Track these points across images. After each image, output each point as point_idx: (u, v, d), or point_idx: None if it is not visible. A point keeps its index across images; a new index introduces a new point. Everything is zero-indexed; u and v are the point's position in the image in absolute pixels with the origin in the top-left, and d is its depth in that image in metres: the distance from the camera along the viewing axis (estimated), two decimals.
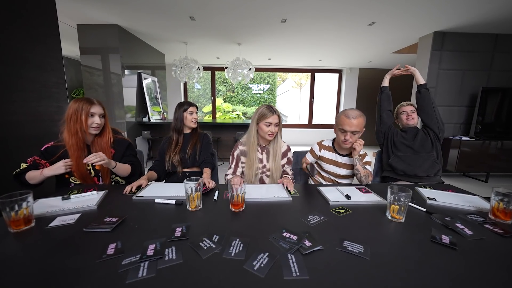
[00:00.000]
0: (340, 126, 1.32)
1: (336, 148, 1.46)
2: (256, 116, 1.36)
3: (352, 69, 6.28)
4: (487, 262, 0.63)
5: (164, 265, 0.60)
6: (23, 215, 0.77)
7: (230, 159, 1.48)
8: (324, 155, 1.48)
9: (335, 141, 1.48)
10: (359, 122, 1.27)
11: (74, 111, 1.18)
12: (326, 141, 1.52)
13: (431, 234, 0.76)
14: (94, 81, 3.55)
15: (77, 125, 1.18)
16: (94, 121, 1.22)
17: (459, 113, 3.62)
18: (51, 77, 1.91)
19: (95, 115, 1.23)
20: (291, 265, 0.60)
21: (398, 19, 3.01)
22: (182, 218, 0.87)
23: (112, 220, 0.82)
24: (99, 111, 1.24)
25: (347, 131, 1.28)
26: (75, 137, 1.19)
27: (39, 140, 1.78)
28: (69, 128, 1.19)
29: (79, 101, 1.20)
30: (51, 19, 1.91)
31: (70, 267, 0.59)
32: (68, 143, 1.20)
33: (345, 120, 1.29)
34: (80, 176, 1.23)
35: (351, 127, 1.27)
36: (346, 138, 1.30)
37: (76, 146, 1.20)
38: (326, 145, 1.49)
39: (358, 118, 1.27)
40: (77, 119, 1.18)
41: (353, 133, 1.28)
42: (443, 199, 1.07)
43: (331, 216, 0.90)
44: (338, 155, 1.44)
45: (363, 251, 0.67)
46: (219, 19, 3.13)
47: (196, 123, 1.60)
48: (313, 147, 1.53)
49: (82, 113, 1.18)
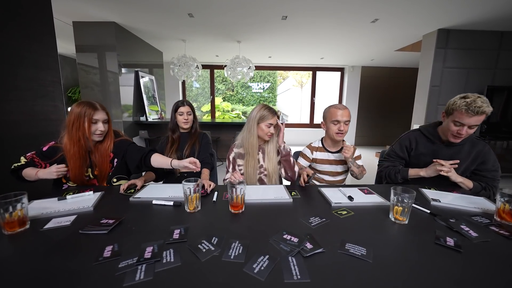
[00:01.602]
0: (332, 118, 1.39)
1: (325, 146, 1.52)
2: (257, 116, 1.36)
3: (354, 67, 6.27)
4: (492, 265, 0.63)
5: (162, 268, 0.60)
6: (18, 217, 0.76)
7: (226, 163, 1.48)
8: (317, 156, 1.51)
9: (324, 139, 1.54)
10: (348, 112, 1.40)
11: (77, 117, 1.13)
12: (314, 142, 1.56)
13: (435, 236, 0.76)
14: (90, 79, 3.54)
15: (79, 132, 1.14)
16: (97, 128, 1.17)
17: None
18: (47, 76, 1.91)
19: (99, 122, 1.17)
20: (292, 268, 0.60)
21: (401, 16, 3.00)
22: (181, 220, 0.87)
23: (108, 222, 0.82)
24: (103, 117, 1.19)
25: (340, 121, 1.37)
26: (77, 145, 1.15)
27: (36, 140, 1.79)
28: (71, 136, 1.14)
29: (82, 105, 1.15)
30: (46, 17, 1.91)
31: (66, 270, 0.59)
32: (69, 151, 1.15)
33: (336, 111, 1.38)
34: (79, 183, 1.21)
35: (343, 116, 1.37)
36: (340, 129, 1.37)
37: (78, 155, 1.16)
38: (316, 146, 1.53)
39: (346, 109, 1.40)
40: (79, 126, 1.13)
41: (345, 123, 1.38)
42: (448, 201, 1.06)
43: (333, 217, 0.90)
44: (330, 153, 1.50)
45: (366, 253, 0.66)
46: (218, 16, 3.13)
47: (189, 123, 1.59)
48: (304, 151, 1.55)
49: (85, 120, 1.13)
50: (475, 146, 1.29)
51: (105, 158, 1.24)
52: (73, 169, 1.17)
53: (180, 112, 1.55)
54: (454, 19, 3.07)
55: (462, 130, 1.17)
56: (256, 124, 1.37)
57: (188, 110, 1.58)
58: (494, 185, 1.28)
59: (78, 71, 3.54)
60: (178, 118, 1.56)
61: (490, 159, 1.28)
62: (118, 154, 1.28)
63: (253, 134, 1.38)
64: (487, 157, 1.27)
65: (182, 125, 1.58)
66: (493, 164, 1.28)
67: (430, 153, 1.35)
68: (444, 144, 1.32)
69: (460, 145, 1.29)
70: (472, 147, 1.29)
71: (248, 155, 1.39)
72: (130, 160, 1.26)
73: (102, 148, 1.23)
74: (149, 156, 1.21)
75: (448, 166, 1.19)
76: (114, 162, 1.27)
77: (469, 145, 1.29)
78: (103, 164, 1.23)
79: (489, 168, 1.28)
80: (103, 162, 1.23)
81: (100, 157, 1.22)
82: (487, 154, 1.28)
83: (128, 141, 1.32)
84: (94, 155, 1.22)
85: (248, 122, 1.40)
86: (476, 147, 1.29)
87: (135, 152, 1.25)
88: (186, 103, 1.58)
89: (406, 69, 6.20)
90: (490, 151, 1.28)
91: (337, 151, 1.49)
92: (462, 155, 1.29)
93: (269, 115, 1.35)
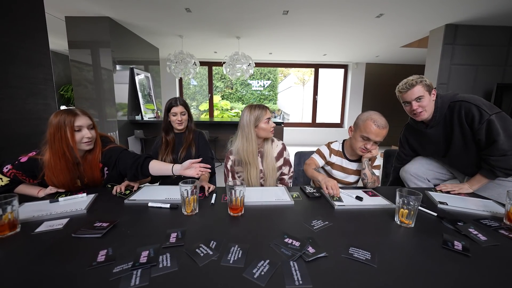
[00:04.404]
0: (363, 132, 1.22)
1: (345, 152, 1.41)
2: (252, 119, 1.33)
3: (359, 64, 6.28)
4: (502, 270, 0.63)
5: (158, 273, 0.60)
6: (8, 220, 0.76)
7: (224, 172, 1.47)
8: (333, 161, 1.42)
9: (345, 144, 1.42)
10: (385, 132, 1.21)
11: (57, 128, 1.05)
12: (334, 144, 1.45)
13: (443, 240, 0.76)
14: (84, 77, 3.55)
15: (63, 144, 1.06)
16: (83, 136, 1.10)
17: None
18: (39, 73, 1.91)
19: (83, 128, 1.10)
20: (294, 273, 0.60)
21: (407, 11, 3.01)
22: (178, 223, 0.87)
23: (102, 225, 0.82)
24: (86, 122, 1.11)
25: (371, 140, 1.21)
26: (63, 159, 1.08)
27: (27, 139, 1.79)
28: (55, 150, 1.06)
29: (60, 114, 1.07)
30: (38, 12, 1.92)
31: (58, 275, 0.59)
32: (55, 168, 1.07)
33: (372, 127, 1.19)
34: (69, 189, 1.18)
35: (377, 136, 1.20)
36: (367, 147, 1.24)
37: (66, 169, 1.10)
38: (336, 150, 1.43)
39: (386, 128, 1.21)
40: (61, 137, 1.05)
41: (375, 143, 1.23)
42: (455, 203, 1.07)
43: (336, 220, 0.90)
44: (347, 161, 1.40)
45: (370, 258, 0.66)
46: (216, 11, 3.13)
47: (184, 124, 1.54)
48: (322, 150, 1.44)
49: (66, 129, 1.05)
50: (452, 112, 1.24)
51: (95, 168, 1.18)
52: (62, 184, 1.13)
53: (173, 113, 1.49)
54: (462, 14, 3.07)
55: (413, 106, 1.25)
56: (254, 128, 1.34)
57: (182, 110, 1.50)
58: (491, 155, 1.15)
59: (71, 68, 3.54)
60: (171, 118, 1.51)
61: (473, 112, 1.16)
62: (108, 163, 1.21)
63: (251, 141, 1.34)
64: (467, 109, 1.18)
65: (176, 126, 1.52)
66: (480, 120, 1.15)
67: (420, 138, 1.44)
68: (425, 127, 1.34)
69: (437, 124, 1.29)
70: (450, 114, 1.25)
71: (249, 165, 1.36)
72: (124, 169, 1.19)
73: (90, 158, 1.17)
74: (145, 164, 1.15)
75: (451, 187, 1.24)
76: (104, 172, 1.23)
77: (448, 115, 1.26)
78: (93, 175, 1.19)
79: (475, 126, 1.16)
80: (92, 173, 1.19)
81: (90, 168, 1.17)
82: (468, 108, 1.18)
83: (119, 148, 1.24)
84: (83, 167, 1.16)
85: (243, 130, 1.36)
86: (455, 110, 1.23)
87: (129, 161, 1.17)
88: (179, 102, 1.50)
89: (413, 66, 6.20)
90: (470, 105, 1.18)
91: (356, 160, 1.39)
92: (446, 128, 1.28)
93: (262, 111, 1.34)
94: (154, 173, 1.16)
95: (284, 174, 1.49)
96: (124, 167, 1.18)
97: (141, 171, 1.15)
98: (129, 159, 1.17)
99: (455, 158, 1.35)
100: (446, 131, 1.29)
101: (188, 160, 1.10)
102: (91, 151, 1.17)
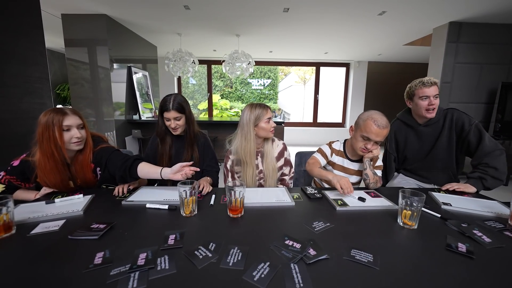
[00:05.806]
0: (364, 132, 1.23)
1: (346, 152, 1.41)
2: (252, 118, 1.33)
3: (361, 63, 6.28)
4: (507, 272, 0.63)
5: (156, 276, 0.60)
6: (3, 222, 0.76)
7: (224, 172, 1.47)
8: (334, 160, 1.42)
9: (346, 144, 1.43)
10: (386, 132, 1.22)
11: (45, 127, 1.04)
12: (336, 143, 1.45)
13: (447, 242, 0.76)
14: (80, 75, 3.54)
15: (51, 144, 1.05)
16: (72, 136, 1.08)
17: (477, 111, 3.61)
18: (34, 72, 1.91)
19: (72, 128, 1.09)
20: (294, 275, 0.60)
21: (410, 8, 3.00)
22: (176, 224, 0.87)
23: (99, 227, 0.82)
24: (76, 122, 1.10)
25: (371, 140, 1.22)
26: (52, 160, 1.07)
27: (22, 139, 1.79)
28: (44, 150, 1.06)
29: (48, 113, 1.06)
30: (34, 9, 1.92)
31: (54, 278, 0.59)
32: (45, 168, 1.07)
33: (372, 127, 1.20)
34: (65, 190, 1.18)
35: (377, 136, 1.20)
36: (367, 147, 1.25)
37: (55, 169, 1.09)
38: (337, 150, 1.43)
39: (387, 128, 1.22)
40: (49, 137, 1.04)
41: (376, 143, 1.24)
42: (459, 204, 1.07)
43: (337, 222, 0.90)
44: (349, 161, 1.40)
45: (373, 260, 0.67)
46: (216, 8, 3.13)
47: (180, 129, 1.40)
48: (323, 149, 1.44)
49: (55, 128, 1.05)
50: (446, 116, 1.44)
51: (86, 169, 1.17)
52: (54, 185, 1.13)
53: (166, 118, 1.36)
54: (466, 12, 3.07)
55: (432, 101, 1.35)
56: (253, 127, 1.34)
57: (175, 116, 1.33)
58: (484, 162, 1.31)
59: (67, 66, 3.54)
60: (165, 123, 1.38)
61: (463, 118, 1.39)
62: (100, 164, 1.20)
63: (249, 140, 1.34)
64: (458, 115, 1.40)
65: (173, 132, 1.40)
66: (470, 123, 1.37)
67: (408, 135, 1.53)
68: (419, 124, 1.47)
69: (432, 124, 1.44)
70: (444, 118, 1.44)
71: (246, 164, 1.37)
72: (113, 170, 1.16)
73: (81, 159, 1.16)
74: (134, 166, 1.12)
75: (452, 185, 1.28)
76: (97, 172, 1.23)
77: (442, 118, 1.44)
78: (85, 175, 1.18)
79: (466, 128, 1.36)
80: (84, 174, 1.18)
81: (81, 169, 1.16)
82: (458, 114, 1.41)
83: (110, 149, 1.22)
84: (74, 167, 1.16)
85: (242, 129, 1.35)
86: (448, 115, 1.43)
87: (118, 162, 1.15)
88: (171, 106, 1.32)
89: (416, 65, 6.20)
90: (460, 112, 1.41)
91: (357, 160, 1.39)
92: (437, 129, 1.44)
93: (263, 111, 1.34)
94: (143, 176, 1.14)
95: (284, 175, 1.49)
96: (113, 169, 1.16)
97: (129, 174, 1.12)
98: (118, 161, 1.15)
99: (435, 159, 1.48)
100: (436, 131, 1.44)
101: (178, 164, 1.08)
102: (81, 151, 1.16)
